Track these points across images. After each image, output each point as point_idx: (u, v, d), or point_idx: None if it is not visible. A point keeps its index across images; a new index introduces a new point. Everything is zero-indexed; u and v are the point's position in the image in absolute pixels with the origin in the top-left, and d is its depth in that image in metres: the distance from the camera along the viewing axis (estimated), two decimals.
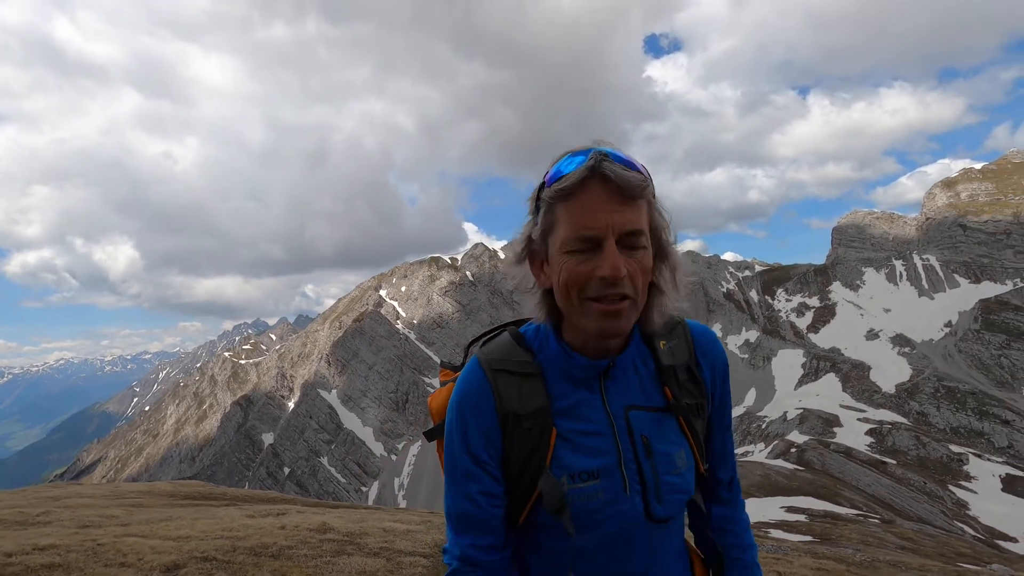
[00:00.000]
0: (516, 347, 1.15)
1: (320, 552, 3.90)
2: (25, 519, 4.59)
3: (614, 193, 0.99)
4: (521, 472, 1.09)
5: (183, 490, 9.34)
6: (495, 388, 1.10)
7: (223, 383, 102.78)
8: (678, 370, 1.16)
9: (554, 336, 1.13)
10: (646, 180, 1.01)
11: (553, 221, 1.03)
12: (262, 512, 5.65)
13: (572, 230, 1.00)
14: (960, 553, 18.57)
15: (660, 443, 1.11)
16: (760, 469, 31.50)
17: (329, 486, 74.00)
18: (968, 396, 51.96)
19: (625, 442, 1.09)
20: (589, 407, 1.10)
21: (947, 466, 41.48)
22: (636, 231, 1.00)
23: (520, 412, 1.09)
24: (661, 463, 1.10)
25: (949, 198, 78.85)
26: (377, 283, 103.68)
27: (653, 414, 1.13)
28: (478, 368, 1.13)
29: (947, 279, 73.09)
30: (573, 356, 1.10)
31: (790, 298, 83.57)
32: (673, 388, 1.14)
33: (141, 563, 3.09)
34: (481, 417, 1.10)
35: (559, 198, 1.01)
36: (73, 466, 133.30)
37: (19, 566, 2.95)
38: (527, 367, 1.12)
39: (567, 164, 1.02)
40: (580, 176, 0.98)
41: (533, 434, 1.08)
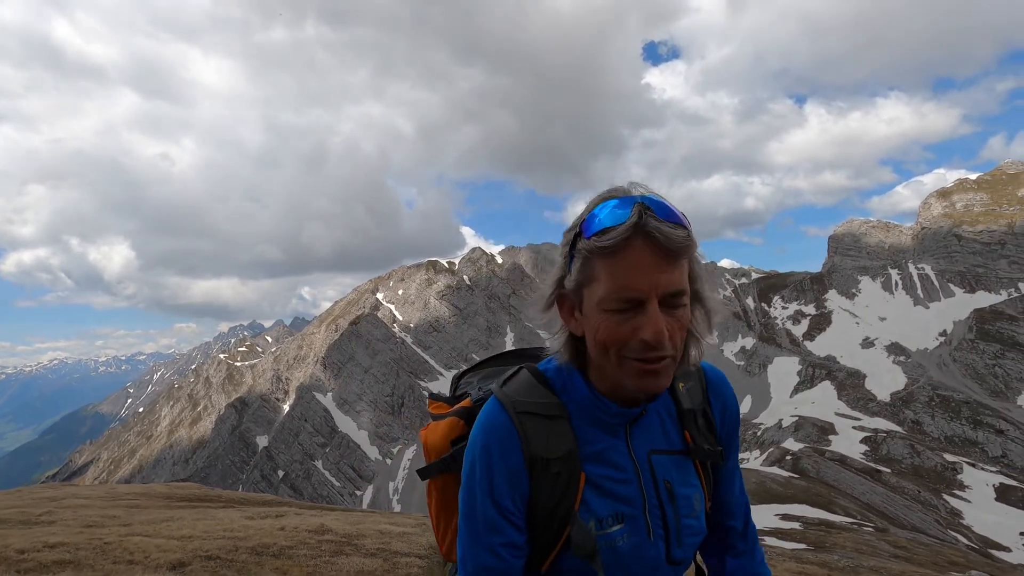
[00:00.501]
0: (540, 387, 1.11)
1: (319, 552, 3.98)
2: (28, 519, 4.63)
3: (659, 252, 0.94)
4: (548, 518, 1.05)
5: (179, 492, 9.35)
6: (521, 431, 1.06)
7: (218, 385, 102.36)
8: (696, 413, 1.17)
9: (582, 380, 1.09)
10: (690, 236, 0.97)
11: (591, 276, 0.99)
12: (261, 514, 5.71)
13: (613, 290, 0.96)
14: (953, 562, 18.63)
15: (681, 487, 1.12)
16: (755, 476, 31.56)
17: (323, 489, 73.69)
18: (962, 405, 52.19)
19: (649, 488, 1.09)
20: (615, 452, 1.09)
21: (941, 475, 41.61)
22: (679, 291, 0.97)
23: (548, 456, 1.05)
24: (682, 507, 1.11)
25: (944, 208, 79.42)
26: (374, 286, 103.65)
27: (674, 457, 1.13)
28: (501, 410, 1.08)
29: (942, 288, 73.53)
30: (607, 404, 1.07)
31: (786, 306, 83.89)
32: (692, 431, 1.15)
33: (148, 561, 3.15)
34: (508, 462, 1.05)
35: (599, 253, 0.96)
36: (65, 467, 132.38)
37: (31, 562, 3.03)
38: (554, 409, 1.08)
39: (607, 214, 0.96)
40: (624, 234, 0.94)
41: (562, 479, 1.05)
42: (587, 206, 1.02)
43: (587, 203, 1.03)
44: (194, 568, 3.19)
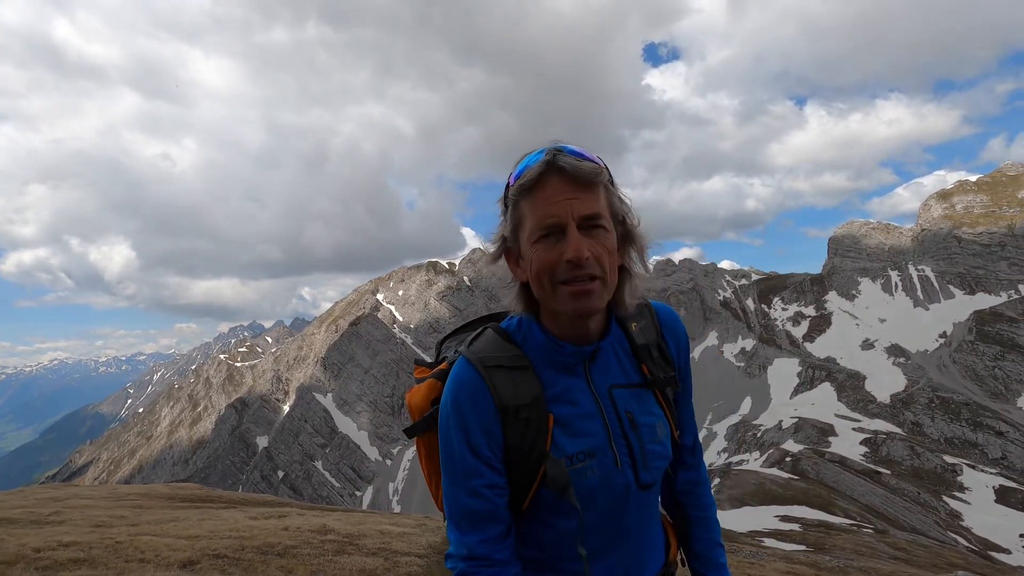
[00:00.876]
0: (503, 342, 1.22)
1: (322, 551, 4.07)
2: (38, 518, 4.70)
3: (570, 183, 1.08)
4: (523, 459, 1.15)
5: (180, 492, 9.40)
6: (490, 383, 1.16)
7: (218, 385, 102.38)
8: (650, 348, 1.27)
9: (538, 328, 1.20)
10: (600, 168, 1.11)
11: (520, 216, 1.13)
12: (264, 514, 5.78)
13: (536, 220, 1.09)
14: (952, 564, 18.65)
15: (643, 416, 1.22)
16: (755, 478, 31.57)
17: (323, 490, 73.68)
18: (962, 407, 52.20)
19: (612, 420, 1.19)
20: (577, 392, 1.19)
21: (941, 477, 41.62)
22: (594, 215, 1.09)
23: (517, 403, 1.15)
24: (645, 434, 1.21)
25: (944, 209, 79.46)
26: (374, 287, 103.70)
27: (634, 390, 1.23)
28: (469, 366, 1.18)
29: (942, 290, 73.56)
30: (562, 345, 1.18)
31: (786, 307, 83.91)
32: (649, 364, 1.26)
33: (159, 559, 3.23)
34: (480, 413, 1.15)
35: (522, 194, 1.11)
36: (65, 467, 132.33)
37: (47, 560, 3.13)
38: (518, 360, 1.19)
39: (525, 164, 1.12)
40: (538, 171, 1.09)
41: (532, 423, 1.15)
42: (515, 163, 1.16)
43: None
44: (203, 566, 3.29)
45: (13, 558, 3.12)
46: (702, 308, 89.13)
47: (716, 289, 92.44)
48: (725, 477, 31.56)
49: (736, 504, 26.26)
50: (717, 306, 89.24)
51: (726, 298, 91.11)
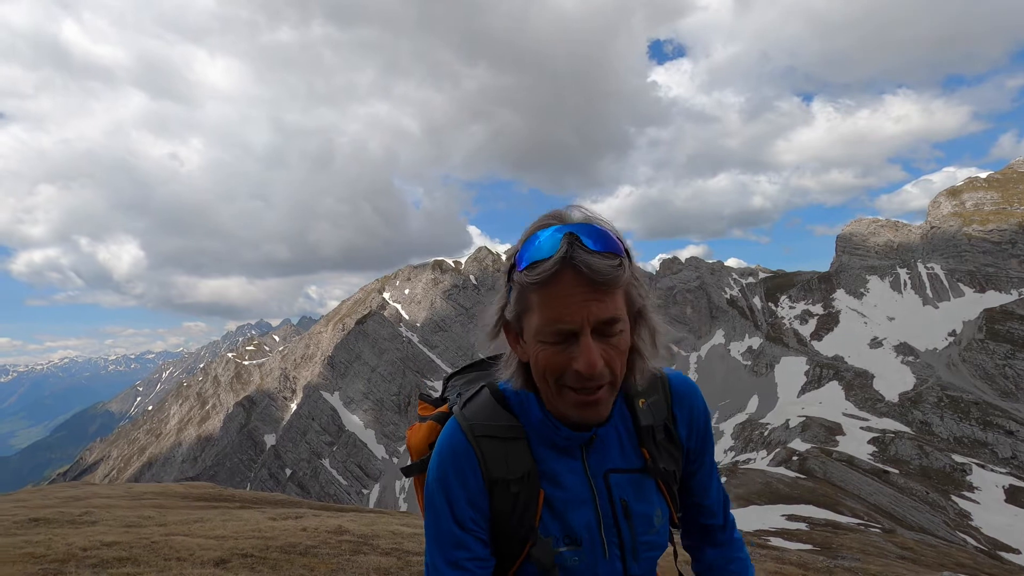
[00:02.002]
0: (499, 409, 1.15)
1: (340, 551, 4.25)
2: (72, 519, 4.88)
3: (587, 284, 0.96)
4: (511, 533, 1.10)
5: (194, 492, 9.57)
6: (479, 454, 1.10)
7: (226, 384, 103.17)
8: (656, 429, 1.18)
9: (536, 403, 1.12)
10: (620, 265, 0.97)
11: (527, 306, 1.01)
12: (282, 515, 5.96)
13: (546, 323, 0.98)
14: (960, 564, 18.60)
15: (638, 504, 1.15)
16: (761, 477, 31.56)
17: (330, 488, 74.18)
18: (972, 406, 51.84)
19: (605, 507, 1.12)
20: (571, 473, 1.12)
21: (950, 476, 41.39)
22: (612, 319, 0.98)
23: (508, 478, 1.09)
24: (639, 524, 1.14)
25: (954, 207, 78.78)
26: (380, 286, 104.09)
27: (631, 476, 1.15)
28: (459, 433, 1.12)
29: (951, 288, 72.98)
30: (559, 428, 1.10)
31: (793, 305, 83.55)
32: (651, 449, 1.17)
33: (194, 558, 3.40)
34: (467, 485, 1.09)
35: (530, 287, 0.99)
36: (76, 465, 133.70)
37: (95, 559, 3.33)
38: (512, 431, 1.12)
39: (537, 247, 0.98)
40: (552, 269, 0.95)
41: (521, 498, 1.09)
42: (523, 234, 1.04)
43: (525, 230, 1.05)
44: (234, 565, 3.50)
45: (64, 556, 3.34)
46: (709, 306, 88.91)
47: (723, 287, 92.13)
48: (731, 476, 31.56)
49: (742, 503, 26.27)
50: (724, 304, 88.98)
51: (733, 296, 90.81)
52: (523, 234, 1.04)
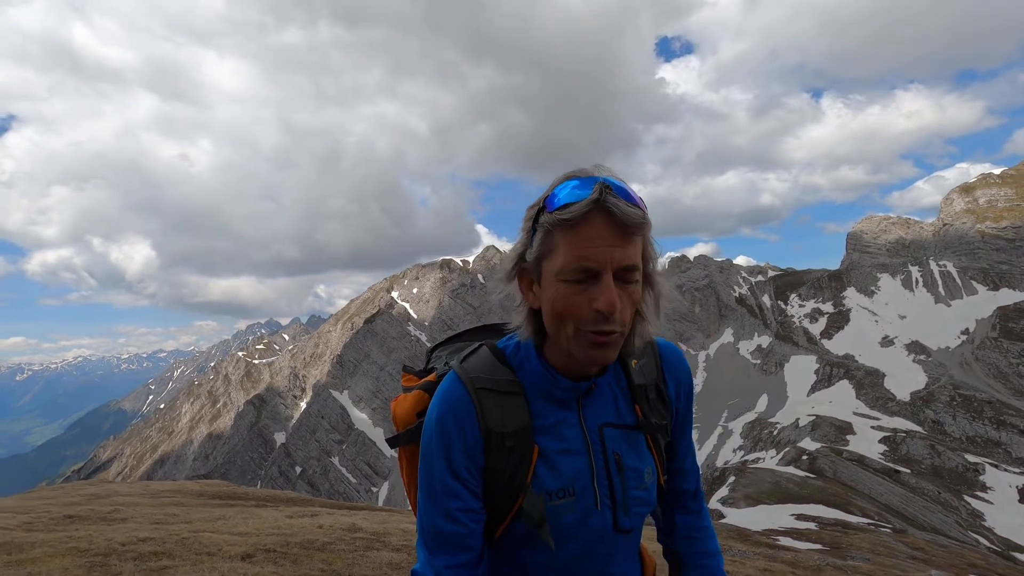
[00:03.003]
0: (498, 364, 1.17)
1: (354, 547, 4.47)
2: (103, 516, 5.09)
3: (615, 228, 1.01)
4: (502, 488, 1.12)
5: (210, 490, 9.77)
6: (478, 406, 1.12)
7: (237, 382, 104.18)
8: (648, 388, 1.23)
9: (536, 356, 1.16)
10: (646, 216, 1.04)
11: (552, 247, 1.05)
12: (298, 513, 6.15)
13: (572, 260, 1.02)
14: (972, 564, 18.48)
15: (630, 459, 1.18)
16: (771, 476, 31.46)
17: (340, 486, 74.78)
18: (985, 405, 51.31)
19: (599, 459, 1.15)
20: (567, 426, 1.15)
21: (962, 476, 41.03)
22: (632, 266, 1.03)
23: (503, 431, 1.11)
24: (630, 478, 1.17)
25: (967, 203, 77.86)
26: (389, 285, 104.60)
27: (625, 431, 1.19)
28: (459, 385, 1.14)
29: (964, 286, 72.17)
30: (557, 378, 1.14)
31: (803, 303, 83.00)
32: (643, 406, 1.21)
33: (221, 553, 3.62)
34: (464, 435, 1.11)
35: (560, 226, 1.02)
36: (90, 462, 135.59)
37: (133, 553, 3.58)
38: (510, 386, 1.15)
39: (569, 192, 1.03)
40: (585, 209, 1.00)
41: (516, 452, 1.11)
42: (551, 184, 1.07)
43: (552, 181, 1.08)
44: (259, 559, 3.74)
45: (106, 551, 3.60)
46: (717, 305, 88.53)
47: (732, 285, 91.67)
48: (740, 475, 31.48)
49: (751, 503, 26.22)
50: (733, 303, 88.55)
51: (742, 295, 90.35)
52: (551, 184, 1.08)
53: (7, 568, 3.19)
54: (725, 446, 61.57)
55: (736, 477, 31.15)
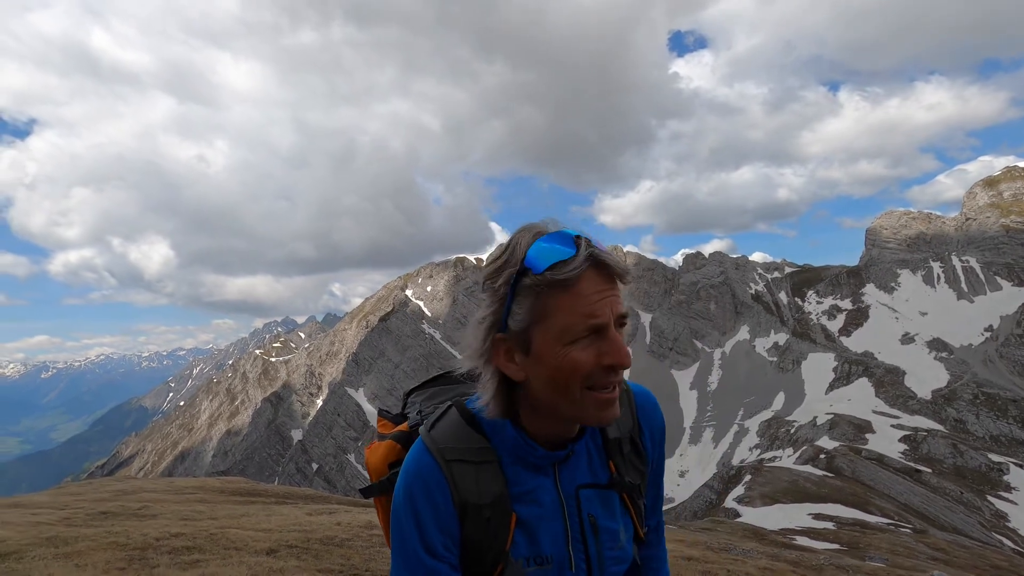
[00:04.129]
0: (470, 431, 1.12)
1: (371, 543, 4.68)
2: (134, 512, 5.33)
3: (609, 279, 1.00)
4: (480, 557, 1.08)
5: (230, 486, 10.00)
6: (450, 479, 1.07)
7: (254, 380, 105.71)
8: (623, 442, 1.20)
9: (511, 425, 1.10)
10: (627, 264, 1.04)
11: (545, 313, 0.99)
12: (317, 511, 6.35)
13: (579, 320, 0.98)
14: (996, 566, 18.16)
15: (606, 520, 1.15)
16: (787, 475, 31.15)
17: (356, 482, 75.59)
18: (1009, 404, 50.20)
19: (574, 523, 1.12)
20: (543, 491, 1.12)
21: (986, 476, 40.21)
22: (626, 313, 1.03)
23: (480, 502, 1.07)
24: (606, 540, 1.14)
25: (991, 197, 76.10)
26: (403, 283, 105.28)
27: (600, 491, 1.16)
28: (428, 456, 1.09)
29: (988, 282, 70.57)
30: (534, 447, 1.09)
31: (821, 300, 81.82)
32: (618, 462, 1.18)
33: (248, 548, 3.85)
34: (436, 510, 1.06)
35: (556, 287, 0.98)
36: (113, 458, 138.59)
37: (167, 547, 3.84)
38: (483, 454, 1.10)
39: (552, 251, 0.98)
40: (583, 266, 0.97)
41: (493, 522, 1.07)
42: (513, 244, 1.02)
43: (509, 242, 1.04)
44: (282, 554, 3.99)
45: (143, 545, 3.86)
46: (733, 302, 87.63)
47: (747, 282, 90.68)
48: (757, 474, 31.23)
49: (768, 502, 26.01)
50: (749, 300, 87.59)
51: (758, 291, 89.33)
52: (513, 244, 1.02)
53: (56, 560, 3.41)
54: (741, 444, 61.04)
55: (752, 476, 30.91)
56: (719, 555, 8.14)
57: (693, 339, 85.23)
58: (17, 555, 3.43)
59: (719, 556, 7.97)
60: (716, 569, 6.55)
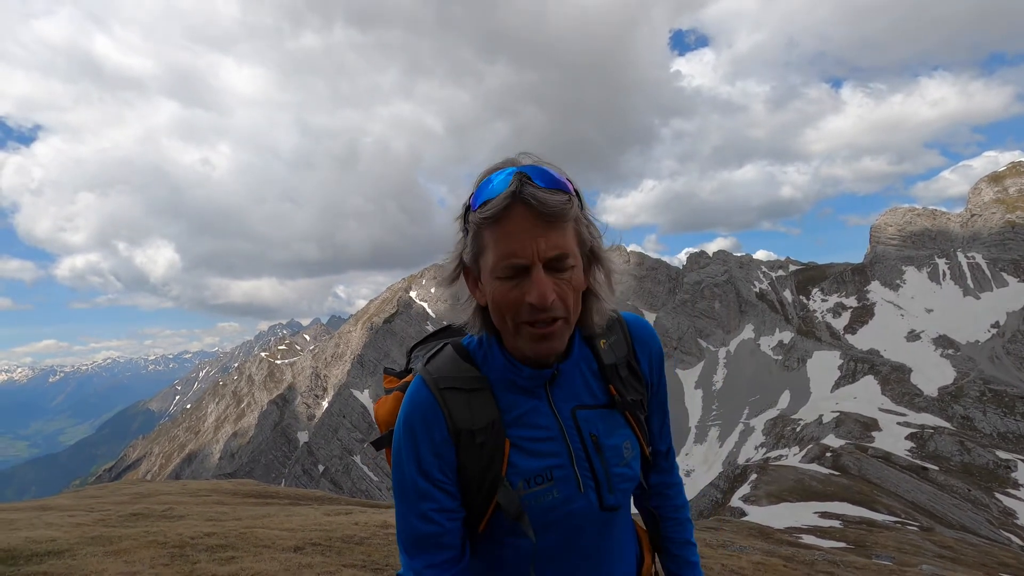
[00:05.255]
0: (461, 362, 1.18)
1: (388, 541, 4.99)
2: (162, 514, 5.55)
3: (538, 218, 1.01)
4: (479, 483, 1.12)
5: (242, 489, 10.19)
6: (444, 406, 1.12)
7: (260, 382, 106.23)
8: (619, 366, 1.24)
9: (499, 348, 1.16)
10: (569, 201, 1.03)
11: (482, 245, 1.06)
12: (334, 511, 6.57)
13: (499, 257, 1.03)
14: (1003, 563, 18.15)
15: (608, 438, 1.18)
16: (793, 474, 31.15)
17: (362, 484, 75.88)
18: (1017, 400, 49.96)
19: (575, 442, 1.15)
20: (538, 413, 1.16)
21: (993, 473, 40.07)
22: (561, 255, 1.03)
23: (473, 428, 1.11)
24: (611, 456, 1.18)
25: (996, 193, 75.76)
26: (407, 285, 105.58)
27: (600, 411, 1.19)
28: (424, 387, 1.15)
29: (994, 278, 70.26)
30: (520, 368, 1.14)
31: (826, 298, 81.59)
32: (616, 385, 1.21)
33: (275, 546, 4.14)
34: (432, 437, 1.11)
35: (485, 224, 1.04)
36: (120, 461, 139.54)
37: (203, 545, 4.12)
38: (475, 382, 1.15)
39: (490, 187, 1.03)
40: (503, 204, 1.01)
41: (488, 447, 1.11)
42: (477, 178, 1.09)
43: (477, 176, 1.11)
44: (308, 551, 4.24)
45: (180, 543, 4.17)
46: (737, 300, 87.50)
47: (752, 281, 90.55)
48: (763, 473, 31.24)
49: (774, 500, 26.04)
50: (753, 298, 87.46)
51: (762, 290, 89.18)
52: (476, 179, 1.09)
53: (107, 556, 3.68)
54: (747, 443, 60.98)
55: (758, 475, 30.93)
56: (715, 551, 8.28)
57: (698, 338, 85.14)
58: (70, 553, 3.68)
59: (715, 552, 8.11)
60: (711, 563, 6.71)
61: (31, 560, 3.54)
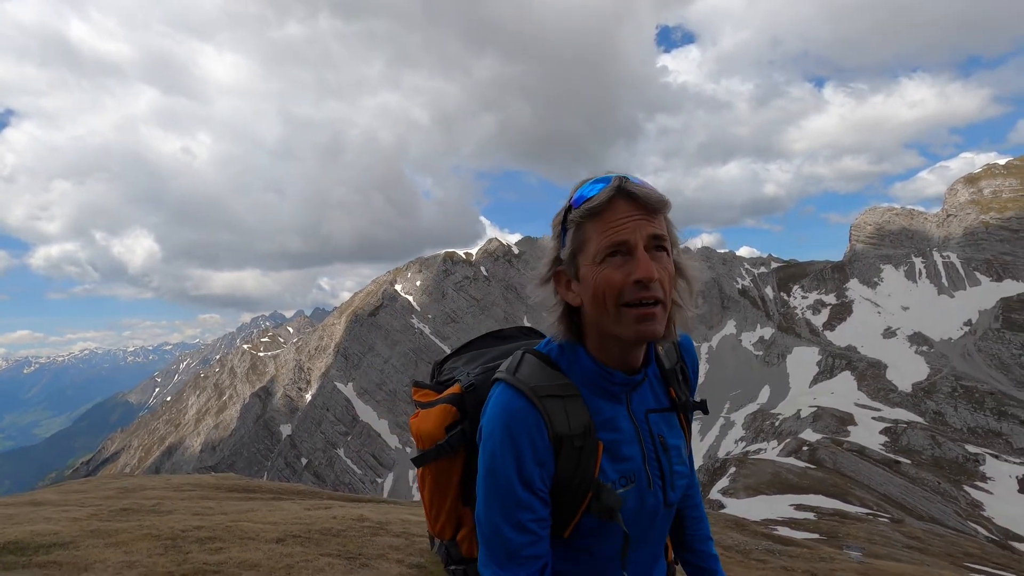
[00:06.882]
0: (549, 369, 1.21)
1: (363, 534, 5.44)
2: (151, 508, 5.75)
3: (639, 207, 1.11)
4: (571, 488, 1.16)
5: (225, 483, 10.24)
6: (545, 414, 1.14)
7: (242, 375, 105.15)
8: (676, 372, 1.35)
9: (586, 355, 1.21)
10: (665, 196, 1.14)
11: (584, 239, 1.14)
12: (314, 506, 6.79)
13: (604, 240, 1.11)
14: (968, 553, 18.86)
15: (671, 438, 1.29)
16: (771, 467, 31.86)
17: (345, 477, 75.75)
18: (987, 396, 51.59)
19: (648, 443, 1.24)
20: (620, 418, 1.22)
21: (963, 466, 41.40)
22: (661, 235, 1.12)
23: (572, 433, 1.15)
24: (674, 456, 1.28)
25: (971, 194, 77.69)
26: (392, 277, 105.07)
27: (664, 414, 1.30)
28: (519, 396, 1.16)
29: (968, 277, 72.20)
30: (612, 373, 1.20)
31: (806, 295, 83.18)
32: (676, 388, 1.32)
33: (259, 538, 4.59)
34: (535, 445, 1.13)
35: (588, 216, 1.13)
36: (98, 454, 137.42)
37: (194, 537, 4.45)
38: (568, 389, 1.19)
39: (591, 188, 1.14)
40: (608, 195, 1.11)
41: (585, 451, 1.16)
42: (572, 190, 1.19)
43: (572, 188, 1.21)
44: (289, 542, 4.60)
45: (173, 536, 4.47)
46: (720, 296, 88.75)
47: (734, 277, 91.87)
48: (741, 466, 31.90)
49: (751, 493, 26.64)
50: (735, 294, 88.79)
51: (745, 286, 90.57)
52: (572, 190, 1.19)
53: (108, 547, 4.00)
54: (727, 437, 62.11)
55: (737, 468, 31.57)
56: None
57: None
58: (73, 544, 4.03)
59: None
60: None
61: (39, 551, 3.85)
